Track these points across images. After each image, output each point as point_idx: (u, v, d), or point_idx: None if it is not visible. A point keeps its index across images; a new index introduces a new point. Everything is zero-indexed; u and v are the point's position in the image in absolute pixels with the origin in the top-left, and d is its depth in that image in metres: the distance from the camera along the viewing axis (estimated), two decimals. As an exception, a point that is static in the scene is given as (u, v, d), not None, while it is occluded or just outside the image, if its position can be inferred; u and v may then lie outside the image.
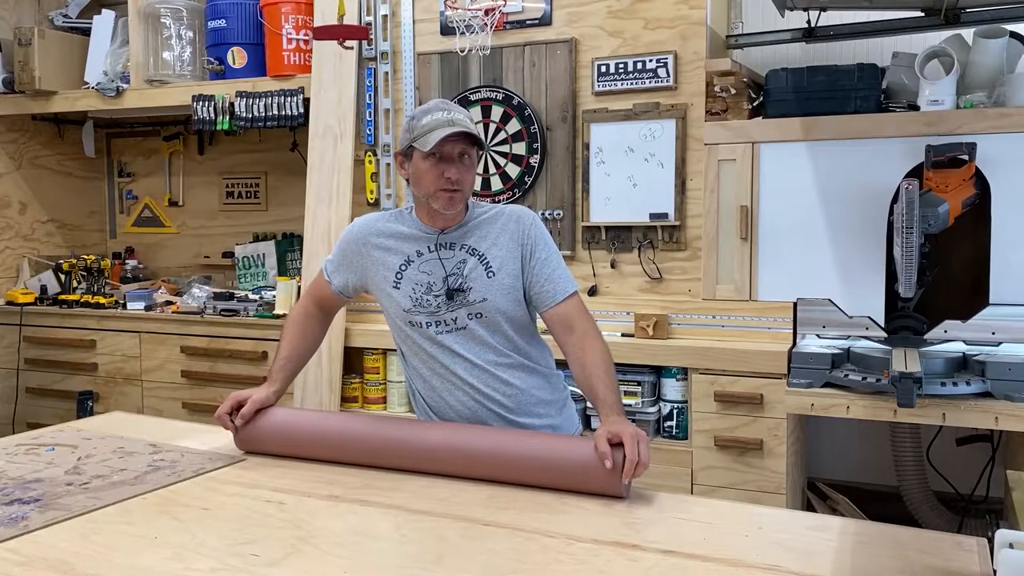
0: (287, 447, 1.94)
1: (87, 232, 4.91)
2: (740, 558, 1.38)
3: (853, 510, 3.14)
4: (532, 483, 1.72)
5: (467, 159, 1.91)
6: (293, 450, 1.93)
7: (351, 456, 1.88)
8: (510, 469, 1.73)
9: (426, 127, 1.87)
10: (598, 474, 1.65)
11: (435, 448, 1.80)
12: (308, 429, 1.95)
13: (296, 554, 1.41)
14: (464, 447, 1.79)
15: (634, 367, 3.11)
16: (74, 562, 1.39)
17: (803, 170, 2.95)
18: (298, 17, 3.80)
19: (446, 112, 1.89)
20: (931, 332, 2.74)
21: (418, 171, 1.92)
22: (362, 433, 1.90)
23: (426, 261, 1.96)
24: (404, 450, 1.83)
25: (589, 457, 1.67)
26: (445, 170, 1.88)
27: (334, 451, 1.90)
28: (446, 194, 1.90)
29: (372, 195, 3.64)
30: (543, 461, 1.72)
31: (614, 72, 3.21)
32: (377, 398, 3.57)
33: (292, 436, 1.94)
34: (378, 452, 1.85)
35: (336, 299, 2.13)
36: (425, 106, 1.95)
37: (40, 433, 2.17)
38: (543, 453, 1.74)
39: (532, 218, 2.01)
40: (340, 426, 1.96)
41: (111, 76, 4.23)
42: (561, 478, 1.69)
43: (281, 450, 1.94)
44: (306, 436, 1.93)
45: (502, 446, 1.77)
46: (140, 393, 4.04)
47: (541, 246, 1.97)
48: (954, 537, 1.47)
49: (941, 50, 2.80)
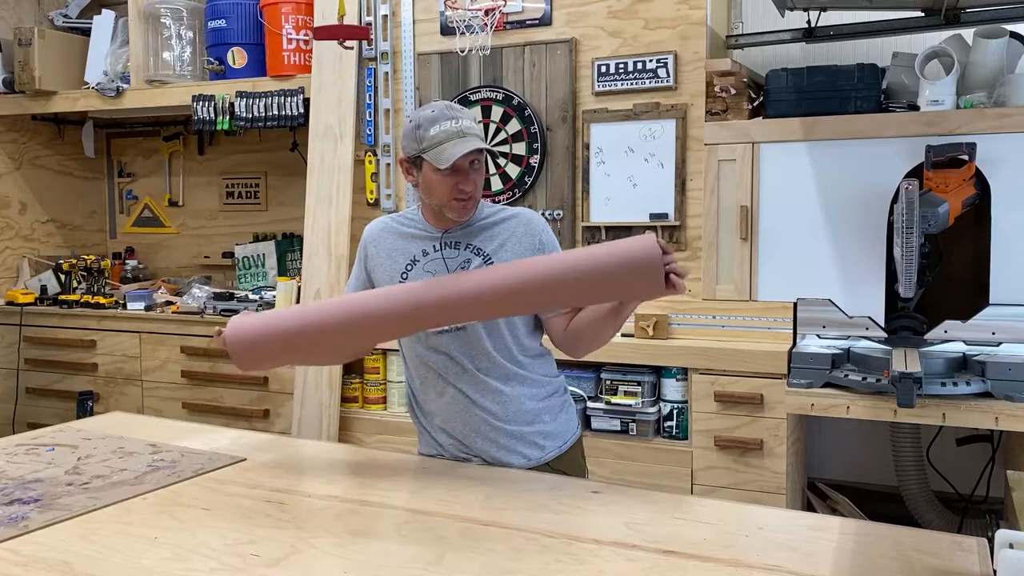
0: (281, 334, 1.78)
1: (87, 232, 4.91)
2: (740, 558, 1.38)
3: (853, 510, 3.14)
4: (570, 298, 1.68)
5: (477, 164, 1.89)
6: (292, 340, 1.77)
7: (362, 327, 1.75)
8: (543, 291, 1.67)
9: (436, 139, 1.83)
10: (635, 257, 1.60)
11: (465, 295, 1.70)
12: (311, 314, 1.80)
13: (296, 554, 1.41)
14: (494, 288, 1.69)
15: (634, 367, 3.11)
16: (74, 562, 1.39)
17: (803, 170, 2.95)
18: (298, 17, 3.80)
19: (454, 121, 1.84)
20: (931, 332, 2.74)
21: (429, 182, 1.89)
22: (371, 307, 1.76)
23: (431, 261, 1.96)
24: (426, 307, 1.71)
25: (619, 246, 1.64)
26: (460, 182, 1.86)
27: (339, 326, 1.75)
28: (460, 203, 1.89)
29: (372, 195, 3.64)
30: (573, 271, 1.65)
31: (614, 72, 3.21)
32: (377, 398, 3.57)
33: (289, 324, 1.78)
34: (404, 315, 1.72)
35: None
36: (430, 112, 1.88)
37: (40, 433, 2.17)
38: (568, 264, 1.67)
39: (543, 224, 2.00)
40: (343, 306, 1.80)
41: (111, 76, 4.23)
42: (598, 278, 1.63)
43: (276, 341, 1.78)
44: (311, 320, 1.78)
45: (526, 275, 1.69)
46: (140, 393, 4.04)
47: (552, 253, 1.98)
48: (954, 537, 1.47)
49: (941, 50, 2.80)
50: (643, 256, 1.60)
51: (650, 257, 1.59)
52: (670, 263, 1.62)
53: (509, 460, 1.94)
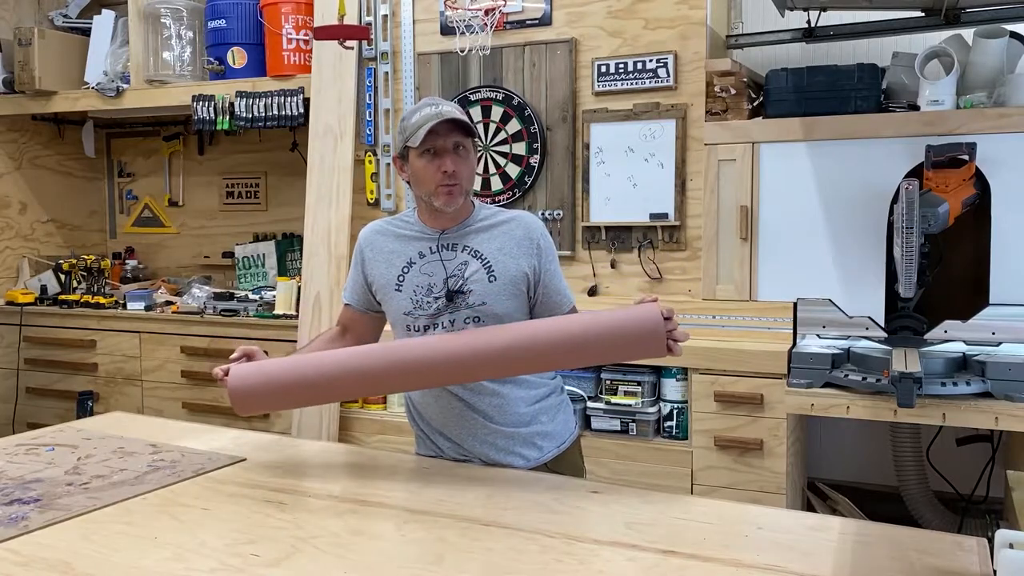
0: (280, 387, 1.81)
1: (87, 232, 4.91)
2: (740, 558, 1.38)
3: (853, 510, 3.14)
4: (570, 361, 1.72)
5: (462, 150, 1.90)
6: (289, 388, 1.80)
7: (358, 382, 1.78)
8: (547, 353, 1.70)
9: (416, 124, 1.87)
10: (639, 328, 1.65)
11: (466, 352, 1.73)
12: (310, 364, 1.83)
13: (296, 554, 1.41)
14: (495, 348, 1.72)
15: (634, 367, 3.10)
16: (74, 562, 1.39)
17: (803, 170, 2.95)
18: (298, 17, 3.80)
19: (434, 106, 1.88)
20: (931, 332, 2.74)
21: (415, 170, 1.91)
22: (372, 359, 1.78)
23: (428, 263, 1.95)
24: (426, 364, 1.73)
25: (623, 316, 1.68)
26: (441, 164, 1.87)
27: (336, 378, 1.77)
28: (445, 189, 1.89)
29: (372, 195, 3.64)
30: (575, 335, 1.69)
31: (614, 72, 3.21)
32: (377, 398, 3.57)
33: (286, 374, 1.82)
34: (401, 372, 1.75)
35: (359, 318, 2.07)
36: (415, 105, 1.95)
37: (40, 433, 2.17)
38: (572, 328, 1.71)
39: (542, 228, 2.00)
40: (339, 358, 1.83)
41: (111, 76, 4.23)
42: (599, 343, 1.67)
43: (274, 393, 1.82)
44: (309, 370, 1.80)
45: (528, 336, 1.72)
46: (140, 393, 4.04)
47: (551, 258, 1.98)
48: (954, 537, 1.47)
49: (941, 50, 2.81)
50: (647, 328, 1.66)
51: (654, 328, 1.66)
52: (672, 330, 1.67)
53: (508, 461, 1.94)
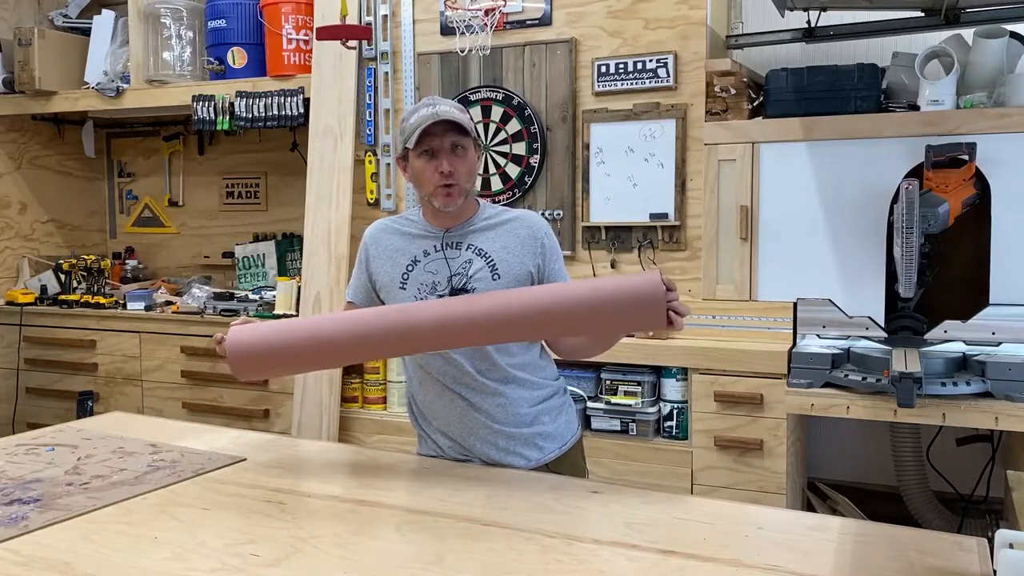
0: (279, 347, 1.78)
1: (87, 232, 4.91)
2: (740, 558, 1.38)
3: (853, 510, 3.14)
4: (570, 325, 1.71)
5: (460, 149, 1.90)
6: (289, 351, 1.77)
7: (362, 345, 1.76)
8: (546, 320, 1.69)
9: (413, 125, 1.88)
10: (639, 293, 1.64)
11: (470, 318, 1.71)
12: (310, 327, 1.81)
13: (296, 554, 1.41)
14: (493, 313, 1.70)
15: (634, 367, 3.11)
16: (74, 562, 1.39)
17: (803, 170, 2.95)
18: (298, 17, 3.80)
19: (431, 107, 1.89)
20: (931, 332, 2.74)
21: (415, 171, 1.92)
22: (374, 322, 1.77)
23: (432, 261, 1.96)
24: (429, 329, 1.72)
25: (623, 281, 1.68)
26: (438, 164, 1.88)
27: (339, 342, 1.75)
28: (444, 190, 1.90)
29: (372, 195, 3.64)
30: (575, 295, 1.69)
31: (614, 72, 3.21)
32: (377, 398, 3.57)
33: (286, 336, 1.78)
34: (404, 335, 1.74)
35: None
36: (414, 105, 1.96)
37: (40, 433, 2.17)
38: (573, 290, 1.71)
39: (546, 227, 2.00)
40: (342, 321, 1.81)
41: (111, 76, 4.23)
42: (599, 307, 1.67)
43: (273, 354, 1.78)
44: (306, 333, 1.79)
45: (530, 302, 1.71)
46: (140, 393, 4.04)
47: (555, 257, 1.99)
48: (954, 537, 1.47)
49: (941, 50, 2.80)
50: (648, 292, 1.64)
51: (654, 294, 1.64)
52: (672, 300, 1.66)
53: (508, 462, 1.94)
